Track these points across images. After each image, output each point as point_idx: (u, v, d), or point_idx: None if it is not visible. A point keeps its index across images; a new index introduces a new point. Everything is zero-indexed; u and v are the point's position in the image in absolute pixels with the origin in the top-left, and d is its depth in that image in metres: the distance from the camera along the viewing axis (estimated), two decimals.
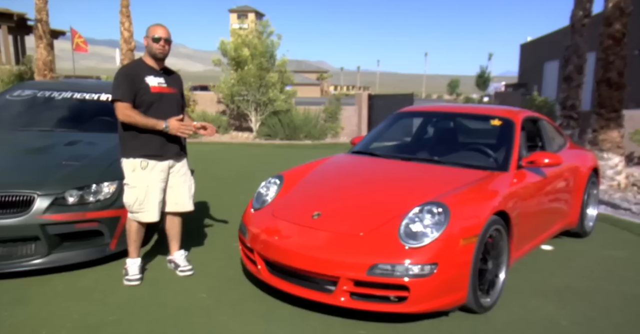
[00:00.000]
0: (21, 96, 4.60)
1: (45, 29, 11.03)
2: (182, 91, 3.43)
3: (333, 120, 13.02)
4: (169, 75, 3.31)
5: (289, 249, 2.76)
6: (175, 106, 3.30)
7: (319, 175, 3.48)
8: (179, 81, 3.41)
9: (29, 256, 3.18)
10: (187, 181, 3.39)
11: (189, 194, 3.39)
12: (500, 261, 3.03)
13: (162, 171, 3.23)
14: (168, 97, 3.24)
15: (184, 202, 3.37)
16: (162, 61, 3.26)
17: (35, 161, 3.58)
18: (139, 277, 3.24)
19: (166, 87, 3.24)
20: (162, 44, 3.14)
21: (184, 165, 3.40)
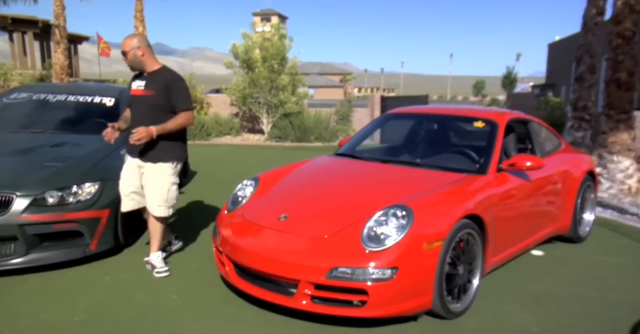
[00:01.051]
0: (17, 99, 4.73)
1: (62, 34, 11.37)
2: (163, 90, 3.26)
3: (344, 122, 12.96)
4: (154, 78, 3.33)
5: (254, 252, 2.74)
6: (145, 106, 3.28)
7: (294, 177, 3.45)
8: (160, 82, 3.28)
9: (7, 256, 3.25)
10: (156, 187, 3.32)
11: (156, 200, 3.32)
12: (473, 267, 2.93)
13: (131, 167, 3.42)
14: (139, 99, 3.34)
15: (150, 206, 3.36)
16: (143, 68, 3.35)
17: (18, 162, 3.67)
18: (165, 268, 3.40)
19: (142, 89, 3.32)
20: (123, 58, 3.35)
21: (153, 170, 3.34)
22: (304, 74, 13.55)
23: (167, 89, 3.28)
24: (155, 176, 3.34)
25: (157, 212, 3.36)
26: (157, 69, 3.37)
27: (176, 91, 3.29)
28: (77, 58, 23.29)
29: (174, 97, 3.28)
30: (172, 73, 3.40)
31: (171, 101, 3.29)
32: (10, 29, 19.17)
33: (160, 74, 3.35)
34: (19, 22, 18.61)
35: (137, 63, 3.31)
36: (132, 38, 3.31)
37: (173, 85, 3.30)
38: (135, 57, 3.28)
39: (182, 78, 3.44)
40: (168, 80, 3.30)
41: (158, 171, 3.34)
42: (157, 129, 3.19)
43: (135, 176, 3.42)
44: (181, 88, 3.33)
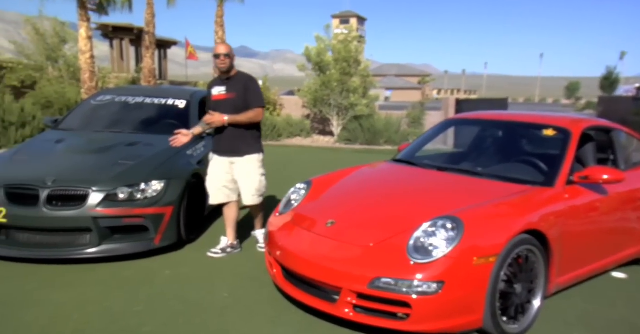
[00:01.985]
0: (102, 101, 5.16)
1: (151, 40, 12.28)
2: (243, 91, 3.70)
3: (416, 125, 12.64)
4: (233, 82, 3.76)
5: (299, 256, 2.74)
6: (231, 108, 3.69)
7: (347, 183, 3.40)
8: (240, 84, 3.72)
9: (83, 246, 3.54)
10: (248, 179, 3.76)
11: (250, 190, 3.78)
12: (534, 286, 2.71)
13: (220, 164, 3.82)
14: (222, 102, 3.74)
15: (245, 196, 3.83)
16: (227, 73, 3.76)
17: (96, 159, 3.99)
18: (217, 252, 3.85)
19: (224, 94, 3.76)
20: (222, 59, 3.68)
21: (243, 164, 3.76)
22: (381, 76, 13.44)
23: (246, 89, 3.71)
24: (246, 169, 3.75)
25: (250, 201, 3.82)
26: (235, 74, 3.80)
27: (251, 91, 3.73)
28: (166, 62, 25.03)
29: (249, 96, 3.71)
30: (247, 76, 3.85)
31: (246, 99, 3.70)
32: (111, 36, 21.12)
33: (238, 78, 3.79)
34: (118, 30, 20.47)
35: (230, 67, 3.72)
36: (229, 45, 3.78)
37: (249, 85, 3.75)
38: (232, 61, 3.73)
39: (255, 79, 3.85)
40: (246, 83, 3.75)
41: (248, 164, 3.75)
42: (229, 118, 3.63)
43: (227, 171, 3.80)
44: (255, 88, 3.77)
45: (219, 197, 3.86)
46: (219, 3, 12.67)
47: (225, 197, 3.87)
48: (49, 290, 3.15)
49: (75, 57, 13.83)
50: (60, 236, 3.56)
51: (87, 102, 5.24)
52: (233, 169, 3.81)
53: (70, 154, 4.13)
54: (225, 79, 3.78)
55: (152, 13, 12.12)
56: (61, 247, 3.54)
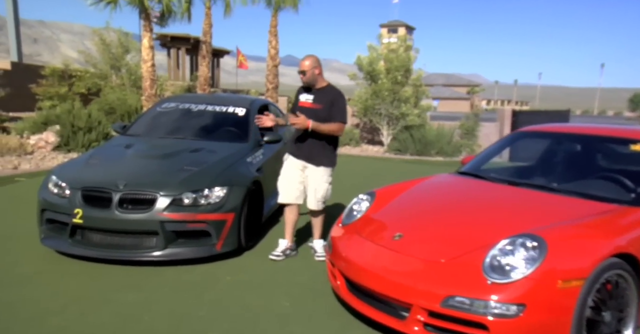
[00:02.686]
0: (167, 108, 5.34)
1: (208, 50, 12.68)
2: (329, 105, 3.78)
3: (469, 137, 12.31)
4: (321, 94, 3.86)
5: (366, 269, 2.68)
6: (312, 117, 3.74)
7: (413, 195, 3.31)
8: (327, 98, 3.82)
9: (150, 248, 3.64)
10: (316, 187, 3.87)
11: (315, 197, 3.89)
12: (625, 315, 2.51)
13: (294, 166, 3.94)
14: (307, 110, 3.83)
15: (310, 201, 3.93)
16: (314, 85, 3.88)
17: (163, 165, 4.11)
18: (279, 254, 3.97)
19: (311, 102, 3.87)
20: (301, 76, 3.86)
21: (315, 172, 3.87)
22: (428, 86, 13.24)
23: (332, 104, 3.79)
24: (317, 177, 3.87)
25: (314, 206, 3.93)
26: (325, 85, 3.90)
27: (337, 106, 3.83)
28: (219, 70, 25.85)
29: (334, 111, 3.80)
30: (336, 91, 3.91)
31: (332, 113, 3.79)
32: (169, 46, 22.07)
33: (327, 91, 3.88)
34: (175, 40, 21.39)
35: (312, 80, 3.83)
36: (310, 59, 3.84)
37: (337, 101, 3.83)
38: (313, 76, 3.82)
39: (343, 95, 3.91)
40: (334, 97, 3.82)
41: (319, 174, 3.87)
42: (313, 124, 3.72)
43: (298, 174, 3.93)
44: (342, 105, 3.85)
45: (288, 197, 3.98)
46: (273, 13, 12.93)
47: (293, 198, 3.98)
48: (120, 290, 3.25)
49: (136, 65, 14.53)
50: (129, 238, 3.67)
51: (153, 109, 5.43)
52: (304, 174, 3.93)
53: (139, 159, 4.27)
54: (315, 89, 3.89)
55: (209, 23, 12.53)
56: (129, 249, 3.66)
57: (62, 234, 3.74)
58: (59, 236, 3.76)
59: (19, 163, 7.70)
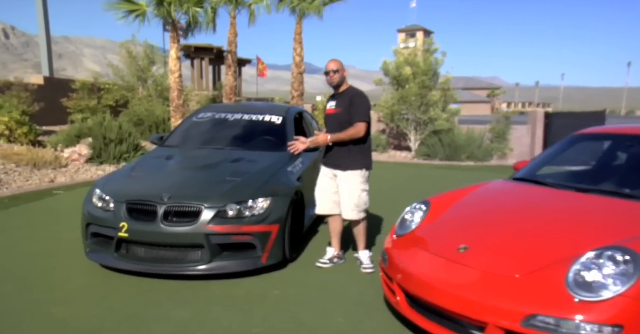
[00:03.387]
0: (203, 118, 5.30)
1: (233, 59, 12.74)
2: (348, 106, 3.69)
3: (500, 140, 12.00)
4: (343, 97, 3.79)
5: (432, 284, 2.52)
6: (337, 123, 3.73)
7: (471, 203, 3.15)
8: (346, 99, 3.73)
9: (195, 262, 3.56)
10: (348, 193, 3.73)
11: (349, 205, 3.74)
12: None
13: (326, 176, 3.89)
14: (332, 117, 3.82)
15: (344, 210, 3.80)
16: (337, 88, 3.82)
17: (205, 176, 4.04)
18: (326, 262, 3.92)
19: (334, 108, 3.82)
20: (332, 75, 3.75)
21: (345, 178, 3.74)
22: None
23: (350, 104, 3.69)
24: (347, 183, 3.72)
25: (349, 215, 3.77)
26: (347, 88, 3.83)
27: (355, 105, 3.69)
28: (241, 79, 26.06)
29: (353, 111, 3.67)
30: (356, 91, 3.84)
31: (350, 114, 3.67)
32: (193, 57, 22.35)
33: (347, 93, 3.79)
34: (199, 50, 21.65)
35: (340, 81, 3.76)
36: (337, 60, 3.80)
37: (354, 100, 3.71)
38: (341, 77, 3.76)
39: (364, 95, 3.79)
40: (352, 97, 3.71)
41: (349, 179, 3.72)
42: (332, 137, 3.67)
43: (331, 184, 3.86)
44: (359, 103, 3.70)
45: (324, 208, 3.93)
46: (298, 20, 12.93)
47: (330, 209, 3.91)
48: (169, 306, 3.17)
49: (162, 77, 14.72)
50: (173, 252, 3.60)
51: (189, 119, 5.40)
52: (336, 182, 3.84)
53: (181, 171, 4.22)
54: (337, 94, 3.84)
55: (234, 33, 12.60)
56: (175, 263, 3.58)
57: (107, 248, 3.69)
58: (105, 250, 3.72)
59: (55, 176, 7.80)
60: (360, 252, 3.95)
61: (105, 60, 16.27)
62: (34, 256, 4.17)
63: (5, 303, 3.20)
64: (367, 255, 3.90)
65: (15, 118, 9.18)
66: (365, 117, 3.69)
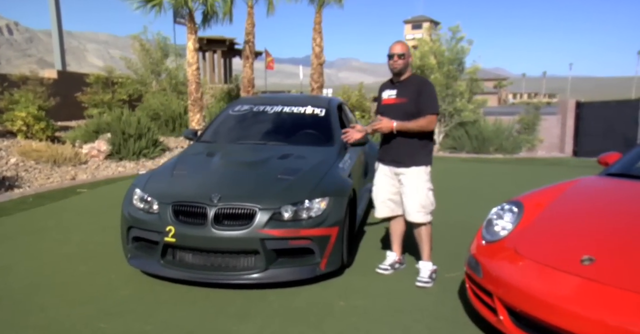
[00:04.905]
0: (240, 111, 4.93)
1: (251, 50, 12.34)
2: (415, 95, 3.32)
3: (529, 132, 11.58)
4: (405, 86, 3.39)
5: (555, 304, 2.10)
6: (401, 114, 3.33)
7: (572, 204, 2.77)
8: (412, 89, 3.35)
9: (248, 269, 3.22)
10: (413, 192, 3.35)
11: (414, 205, 3.36)
12: None
13: (385, 174, 3.51)
14: (392, 107, 3.39)
15: (409, 212, 3.39)
16: (399, 75, 3.40)
17: (254, 174, 3.67)
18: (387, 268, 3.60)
19: (394, 98, 3.40)
20: (396, 59, 3.32)
21: (409, 176, 3.37)
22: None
23: (419, 94, 3.31)
24: (412, 181, 3.36)
25: (415, 218, 3.37)
26: (409, 76, 3.42)
27: (425, 95, 3.33)
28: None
29: (422, 102, 3.31)
30: (422, 79, 3.47)
31: (419, 105, 3.30)
32: (204, 49, 21.90)
33: (412, 82, 3.40)
34: (211, 42, 21.17)
35: (404, 67, 3.37)
36: (405, 43, 3.38)
37: (423, 89, 3.34)
38: (407, 63, 3.37)
39: (431, 83, 3.40)
40: (419, 86, 3.35)
41: (414, 176, 3.36)
42: (398, 124, 3.28)
43: (390, 183, 3.50)
44: (429, 92, 3.35)
45: (384, 210, 3.58)
46: (317, 9, 12.48)
47: (390, 211, 3.56)
48: (228, 320, 2.84)
49: (176, 69, 14.34)
50: (224, 258, 3.26)
51: (224, 112, 5.04)
52: (398, 181, 3.45)
53: (227, 169, 3.86)
54: (397, 82, 3.43)
55: (252, 23, 12.18)
56: (226, 271, 3.24)
57: (151, 253, 3.36)
58: (148, 255, 3.38)
59: (76, 173, 7.49)
60: (422, 262, 3.45)
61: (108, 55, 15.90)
62: (70, 259, 3.85)
63: (50, 316, 2.88)
64: (429, 268, 3.42)
65: (33, 113, 8.85)
66: (436, 109, 3.32)
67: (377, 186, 3.59)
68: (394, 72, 3.40)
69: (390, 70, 3.42)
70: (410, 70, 3.44)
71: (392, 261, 3.63)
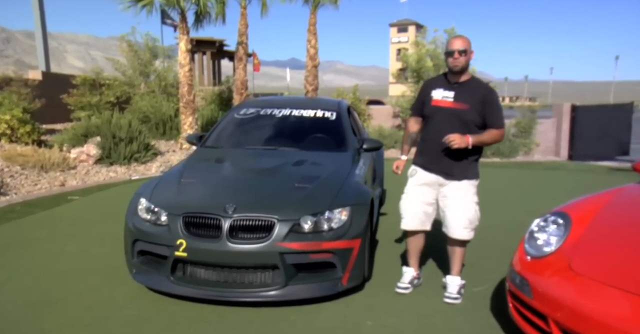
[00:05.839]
0: (246, 114, 4.68)
1: (245, 51, 12.06)
2: (479, 105, 3.00)
3: (526, 135, 11.52)
4: (465, 89, 3.06)
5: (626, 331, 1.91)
6: (456, 120, 3.02)
7: (623, 216, 2.58)
8: (476, 95, 3.02)
9: (265, 286, 2.97)
10: (462, 207, 3.08)
11: (462, 221, 3.08)
12: None
13: (425, 183, 3.19)
14: (447, 111, 3.05)
15: (455, 228, 3.10)
16: (458, 75, 3.05)
17: (270, 182, 3.43)
18: (407, 286, 3.29)
19: (451, 101, 3.06)
20: (456, 56, 2.97)
21: (457, 189, 3.11)
22: None
23: (484, 103, 3.01)
24: (461, 195, 3.09)
25: (461, 234, 3.09)
26: (469, 78, 3.08)
27: (493, 106, 3.04)
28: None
29: (491, 113, 3.03)
30: (486, 85, 3.13)
31: (486, 116, 3.02)
32: (194, 50, 21.47)
33: (473, 86, 3.07)
34: (200, 44, 20.78)
35: (465, 66, 3.02)
36: (467, 39, 3.03)
37: (490, 99, 3.04)
38: (468, 60, 3.02)
39: (496, 91, 3.14)
40: (485, 95, 3.04)
41: (464, 190, 3.10)
42: (473, 139, 2.97)
43: (429, 192, 3.20)
44: (498, 102, 3.07)
45: (413, 222, 3.23)
46: (312, 10, 12.26)
47: (420, 224, 3.23)
48: None
49: (165, 71, 13.97)
50: (240, 274, 3.01)
51: (230, 116, 4.78)
52: (440, 193, 3.17)
53: (240, 176, 3.60)
54: (455, 82, 3.07)
55: (245, 23, 11.91)
56: (242, 287, 2.99)
57: (159, 269, 3.09)
58: (155, 271, 3.11)
59: (65, 179, 7.13)
60: (450, 277, 3.24)
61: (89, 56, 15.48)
62: (67, 274, 3.55)
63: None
64: (458, 283, 3.20)
65: (17, 116, 8.45)
66: (504, 121, 3.06)
67: (411, 195, 3.23)
68: (454, 71, 3.01)
69: (449, 69, 3.05)
70: (468, 72, 3.08)
71: (410, 277, 3.34)
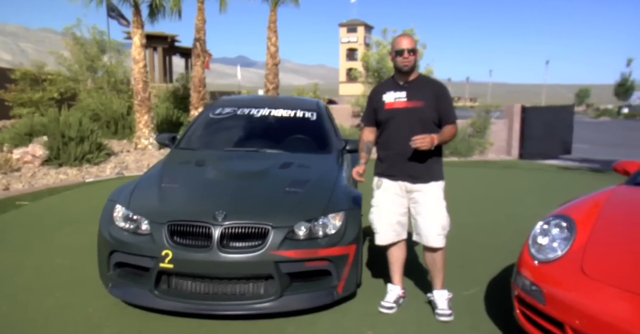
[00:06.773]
0: (221, 114, 4.43)
1: (202, 48, 11.63)
2: (433, 100, 2.89)
3: (481, 135, 11.91)
4: (416, 87, 2.93)
5: None
6: (416, 120, 2.88)
7: (623, 219, 2.61)
8: (428, 91, 2.91)
9: (258, 297, 2.78)
10: (432, 212, 2.89)
11: (435, 228, 2.88)
12: None
13: (394, 192, 2.98)
14: (403, 112, 2.91)
15: (428, 236, 2.90)
16: (408, 74, 2.92)
17: (258, 186, 3.23)
18: (392, 306, 3.02)
19: (405, 101, 2.92)
20: (406, 55, 2.84)
21: (427, 194, 2.91)
22: None
23: (436, 98, 2.91)
24: (431, 199, 2.91)
25: (436, 242, 2.89)
26: (417, 77, 2.98)
27: (446, 101, 2.95)
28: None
29: (444, 107, 2.92)
30: (435, 81, 3.08)
31: (440, 111, 2.91)
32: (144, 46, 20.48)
33: (423, 83, 2.97)
34: (151, 39, 19.82)
35: (414, 66, 2.92)
36: (413, 37, 2.94)
37: (442, 93, 2.95)
38: (417, 59, 2.96)
39: (446, 86, 3.03)
40: (436, 90, 2.95)
41: (433, 193, 2.92)
42: (438, 137, 2.80)
43: (400, 202, 3.00)
44: (449, 97, 2.98)
45: (389, 235, 3.02)
46: (272, 7, 12.01)
47: (396, 236, 3.02)
48: None
49: (115, 67, 13.23)
50: (230, 285, 2.80)
51: (204, 115, 4.50)
52: (411, 199, 2.96)
53: (226, 181, 3.35)
54: (405, 82, 2.93)
55: (203, 19, 11.47)
56: (233, 300, 2.78)
57: (140, 282, 2.82)
58: (135, 284, 2.84)
59: (9, 182, 6.50)
60: (436, 292, 3.00)
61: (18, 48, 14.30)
62: (31, 290, 3.19)
63: None
64: (446, 297, 2.97)
65: None
66: (456, 116, 2.95)
67: (381, 207, 3.01)
68: (404, 71, 2.88)
69: (398, 69, 2.91)
70: (417, 70, 2.98)
71: (396, 296, 3.06)
